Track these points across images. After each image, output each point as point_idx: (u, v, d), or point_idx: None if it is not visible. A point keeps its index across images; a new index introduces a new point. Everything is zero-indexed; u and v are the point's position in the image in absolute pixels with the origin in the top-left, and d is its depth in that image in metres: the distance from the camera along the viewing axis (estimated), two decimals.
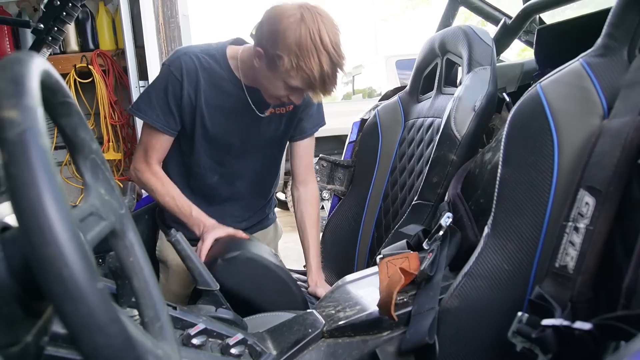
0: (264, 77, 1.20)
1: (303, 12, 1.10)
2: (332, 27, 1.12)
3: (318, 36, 1.09)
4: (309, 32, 1.08)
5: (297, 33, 1.08)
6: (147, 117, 1.28)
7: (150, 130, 1.31)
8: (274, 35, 1.11)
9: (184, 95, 1.27)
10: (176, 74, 1.26)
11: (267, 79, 1.20)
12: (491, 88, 1.16)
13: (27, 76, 0.35)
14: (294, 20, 1.09)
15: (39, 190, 0.31)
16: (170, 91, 1.26)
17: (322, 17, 1.11)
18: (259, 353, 0.76)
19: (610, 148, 0.66)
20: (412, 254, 0.91)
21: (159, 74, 1.30)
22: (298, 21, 1.09)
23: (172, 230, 0.94)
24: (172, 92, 1.26)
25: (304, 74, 1.11)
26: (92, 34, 2.90)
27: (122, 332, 0.34)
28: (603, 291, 0.64)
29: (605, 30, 0.75)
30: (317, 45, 1.09)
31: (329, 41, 1.10)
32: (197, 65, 1.27)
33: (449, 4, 1.73)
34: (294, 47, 1.09)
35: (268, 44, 1.13)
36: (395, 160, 1.54)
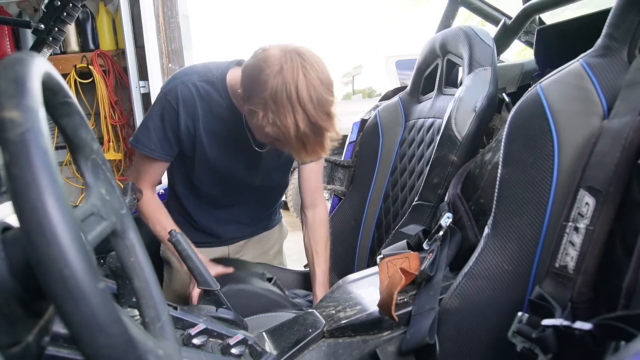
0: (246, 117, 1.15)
1: (284, 63, 0.97)
2: (316, 79, 0.98)
3: (295, 91, 0.96)
4: (285, 86, 0.96)
5: (274, 86, 0.96)
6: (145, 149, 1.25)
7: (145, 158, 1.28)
8: (251, 84, 1.01)
9: (181, 125, 1.22)
10: (173, 103, 1.20)
11: (249, 121, 1.14)
12: (492, 89, 1.16)
13: (28, 76, 0.35)
14: (271, 72, 0.97)
15: (40, 190, 0.31)
16: (167, 120, 1.22)
17: (305, 68, 0.97)
18: (259, 353, 0.76)
19: (610, 148, 0.66)
20: (413, 254, 0.91)
21: (156, 102, 1.25)
22: (276, 73, 0.97)
23: (173, 231, 0.94)
24: (169, 121, 1.22)
25: (279, 131, 0.99)
26: (92, 34, 2.90)
27: (123, 332, 0.34)
28: (603, 291, 0.64)
29: (605, 30, 0.75)
30: (293, 101, 0.96)
31: (307, 97, 0.96)
32: (194, 94, 1.19)
33: (448, 4, 1.73)
34: (269, 102, 0.97)
35: (246, 92, 1.03)
36: (396, 161, 1.54)
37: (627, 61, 0.72)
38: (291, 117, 0.97)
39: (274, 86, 0.96)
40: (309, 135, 0.99)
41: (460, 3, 1.71)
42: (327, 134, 1.02)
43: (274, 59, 0.99)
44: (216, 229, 1.43)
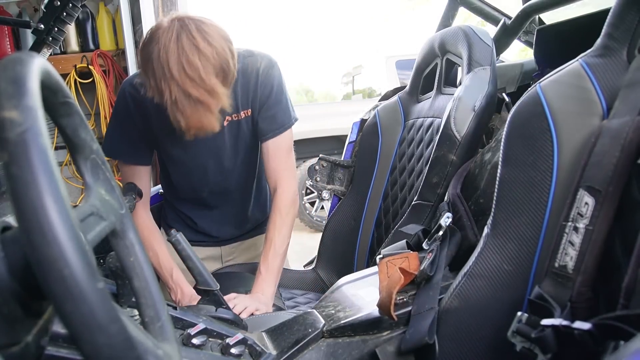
0: None
1: (160, 33, 0.99)
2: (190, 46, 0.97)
3: (166, 61, 0.97)
4: (159, 53, 0.97)
5: (150, 54, 0.98)
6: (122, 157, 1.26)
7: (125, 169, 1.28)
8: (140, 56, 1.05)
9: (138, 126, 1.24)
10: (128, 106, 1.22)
11: None
12: (491, 88, 1.17)
13: (27, 76, 0.35)
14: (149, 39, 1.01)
15: (40, 190, 0.31)
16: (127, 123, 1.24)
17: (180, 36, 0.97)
18: (259, 353, 0.76)
19: (609, 148, 0.66)
20: (412, 253, 0.91)
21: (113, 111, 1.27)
22: (154, 41, 0.99)
23: (173, 231, 0.94)
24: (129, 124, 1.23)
25: (160, 99, 1.00)
26: (92, 34, 2.90)
27: (123, 332, 0.34)
28: (602, 291, 0.64)
29: (605, 30, 0.75)
30: (164, 68, 0.97)
31: (175, 63, 0.96)
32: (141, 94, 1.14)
33: (448, 4, 1.73)
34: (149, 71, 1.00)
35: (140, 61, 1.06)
36: (395, 160, 1.54)
37: (627, 61, 0.72)
38: (165, 84, 0.97)
39: (150, 54, 0.98)
40: (183, 102, 0.98)
41: (460, 3, 1.71)
42: (205, 104, 0.99)
43: (152, 31, 1.01)
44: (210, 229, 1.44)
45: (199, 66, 0.97)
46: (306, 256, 1.81)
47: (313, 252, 1.73)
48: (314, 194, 4.38)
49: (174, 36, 0.96)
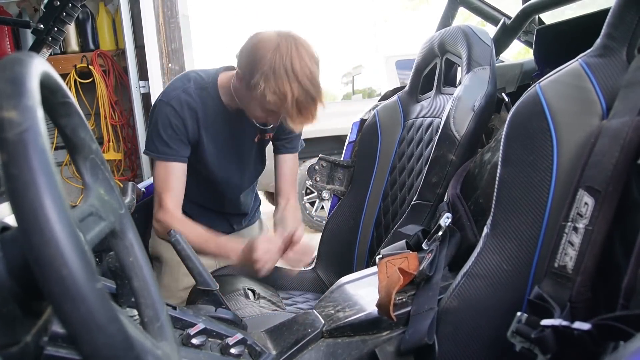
0: (243, 98, 1.26)
1: (280, 41, 1.16)
2: (307, 57, 1.16)
3: (290, 64, 1.14)
4: (282, 60, 1.13)
5: (272, 59, 1.14)
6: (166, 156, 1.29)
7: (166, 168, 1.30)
8: (251, 59, 1.17)
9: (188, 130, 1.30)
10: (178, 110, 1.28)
11: (245, 101, 1.26)
12: (490, 88, 1.16)
13: (26, 76, 0.35)
14: (270, 48, 1.15)
15: (39, 190, 0.31)
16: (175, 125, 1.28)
17: (298, 48, 1.16)
18: (258, 353, 0.76)
19: (609, 148, 0.66)
20: (412, 254, 0.91)
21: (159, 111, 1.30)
22: (274, 49, 1.15)
23: (172, 231, 0.94)
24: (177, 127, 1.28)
25: (276, 99, 1.15)
26: (92, 34, 2.90)
27: (121, 332, 0.34)
28: (602, 291, 0.64)
29: (604, 30, 0.75)
30: (289, 73, 1.14)
31: (301, 70, 1.14)
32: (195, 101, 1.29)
33: (448, 4, 1.73)
34: (268, 72, 1.14)
35: (246, 67, 1.19)
36: (395, 160, 1.54)
37: (626, 61, 0.72)
38: (288, 85, 1.13)
39: (272, 60, 1.14)
40: (302, 101, 1.16)
41: (460, 3, 1.71)
42: (317, 102, 1.19)
43: (270, 38, 1.17)
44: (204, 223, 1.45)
45: (315, 71, 1.19)
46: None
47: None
48: (314, 194, 4.38)
49: (293, 47, 1.15)
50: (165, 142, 1.29)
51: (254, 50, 1.17)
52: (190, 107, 1.29)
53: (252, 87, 1.16)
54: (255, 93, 1.17)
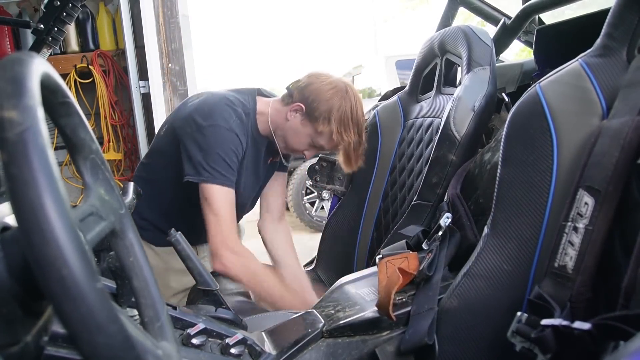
0: (292, 130, 1.31)
1: (347, 88, 1.28)
2: (363, 107, 1.31)
3: (356, 111, 1.27)
4: (351, 107, 1.26)
5: (344, 105, 1.25)
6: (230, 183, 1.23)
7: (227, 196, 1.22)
8: (321, 98, 1.26)
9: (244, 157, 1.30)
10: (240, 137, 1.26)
11: (295, 133, 1.31)
12: (490, 88, 1.16)
13: (27, 76, 0.35)
14: (341, 93, 1.26)
15: (39, 190, 0.31)
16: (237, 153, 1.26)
17: (357, 97, 1.29)
18: (258, 353, 0.76)
19: (609, 148, 0.66)
20: (412, 254, 0.91)
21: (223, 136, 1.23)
22: (344, 94, 1.26)
23: (172, 230, 0.94)
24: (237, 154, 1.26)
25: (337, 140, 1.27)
26: (92, 34, 2.90)
27: (122, 332, 0.34)
28: (602, 291, 0.64)
29: (604, 30, 0.75)
30: (354, 120, 1.27)
31: (361, 119, 1.29)
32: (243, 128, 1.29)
33: (448, 4, 1.73)
34: (338, 115, 1.25)
35: (314, 104, 1.26)
36: (395, 160, 1.54)
37: (627, 61, 0.72)
38: (350, 132, 1.27)
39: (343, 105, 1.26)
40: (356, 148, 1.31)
41: (460, 3, 1.71)
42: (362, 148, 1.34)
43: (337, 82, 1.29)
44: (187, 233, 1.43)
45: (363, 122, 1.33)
46: (306, 256, 1.81)
47: (313, 252, 1.73)
48: (314, 194, 4.38)
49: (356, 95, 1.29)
50: (230, 168, 1.23)
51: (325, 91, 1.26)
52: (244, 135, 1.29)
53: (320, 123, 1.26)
54: (321, 129, 1.26)
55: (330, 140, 1.28)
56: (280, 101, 1.34)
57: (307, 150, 1.35)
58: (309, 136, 1.30)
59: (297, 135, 1.32)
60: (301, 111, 1.28)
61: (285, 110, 1.31)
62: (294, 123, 1.30)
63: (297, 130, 1.31)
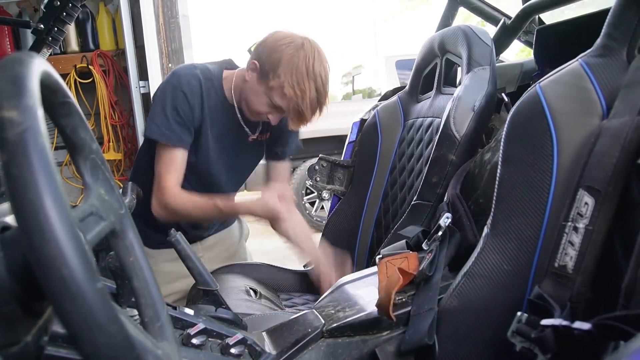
0: (251, 91, 1.27)
1: (304, 42, 1.21)
2: (325, 62, 1.23)
3: (312, 65, 1.19)
4: (305, 59, 1.19)
5: (295, 56, 1.19)
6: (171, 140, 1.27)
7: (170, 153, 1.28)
8: (273, 52, 1.21)
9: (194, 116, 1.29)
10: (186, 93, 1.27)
11: (253, 93, 1.27)
12: (490, 88, 1.17)
13: (27, 76, 0.35)
14: (295, 45, 1.20)
15: (39, 190, 0.31)
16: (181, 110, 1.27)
17: (319, 51, 1.22)
18: (258, 353, 0.76)
19: (609, 148, 0.66)
20: (412, 254, 0.91)
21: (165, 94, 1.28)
22: (299, 47, 1.20)
23: (172, 230, 0.93)
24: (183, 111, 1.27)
25: (290, 94, 1.19)
26: (92, 34, 2.90)
27: (122, 332, 0.34)
28: (602, 291, 0.64)
29: (604, 30, 0.75)
30: (310, 73, 1.19)
31: (319, 72, 1.20)
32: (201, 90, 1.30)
33: (448, 4, 1.73)
34: (288, 67, 1.18)
35: (266, 59, 1.22)
36: (395, 160, 1.54)
37: (627, 61, 0.72)
38: (307, 83, 1.18)
39: (296, 56, 1.19)
40: (312, 103, 1.21)
41: (460, 3, 1.71)
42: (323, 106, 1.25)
43: (294, 37, 1.22)
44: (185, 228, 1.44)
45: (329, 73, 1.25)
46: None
47: None
48: (314, 194, 4.38)
49: (315, 50, 1.22)
50: (172, 126, 1.26)
51: (278, 45, 1.21)
52: (198, 95, 1.29)
53: (270, 78, 1.20)
54: (272, 84, 1.20)
55: (283, 95, 1.20)
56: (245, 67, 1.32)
57: (270, 114, 1.28)
58: (264, 95, 1.24)
59: (255, 95, 1.27)
60: (256, 69, 1.24)
61: (244, 72, 1.29)
62: (251, 83, 1.27)
63: (255, 90, 1.26)
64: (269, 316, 1.11)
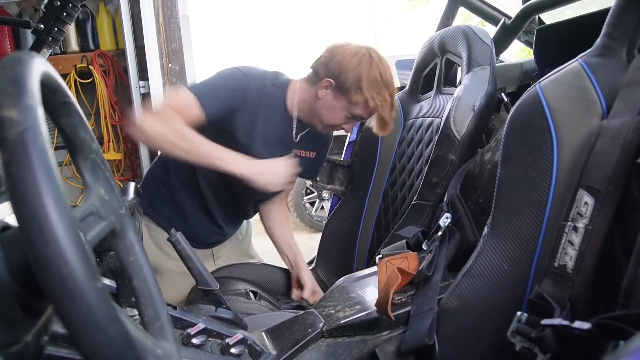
0: (326, 107, 1.30)
1: (371, 53, 1.26)
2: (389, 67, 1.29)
3: (385, 74, 1.25)
4: (379, 70, 1.24)
5: (371, 71, 1.23)
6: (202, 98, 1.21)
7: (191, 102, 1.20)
8: (347, 68, 1.24)
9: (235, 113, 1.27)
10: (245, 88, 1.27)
11: (329, 108, 1.29)
12: (490, 88, 1.16)
13: (27, 76, 0.35)
14: (366, 59, 1.24)
15: (39, 189, 0.31)
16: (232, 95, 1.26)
17: (382, 59, 1.27)
18: (258, 353, 0.76)
19: (609, 148, 0.66)
20: (412, 254, 0.91)
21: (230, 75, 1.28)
22: (369, 60, 1.24)
23: (172, 230, 0.93)
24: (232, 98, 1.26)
25: (374, 106, 1.24)
26: (92, 34, 2.90)
27: (122, 332, 0.34)
28: (602, 291, 0.64)
29: (604, 30, 0.75)
30: (385, 82, 1.24)
31: (390, 80, 1.27)
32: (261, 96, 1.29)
33: (448, 4, 1.73)
34: (368, 83, 1.22)
35: (340, 76, 1.24)
36: (395, 160, 1.54)
37: (626, 61, 0.72)
38: (382, 95, 1.24)
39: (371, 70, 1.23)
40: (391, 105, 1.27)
41: (460, 3, 1.71)
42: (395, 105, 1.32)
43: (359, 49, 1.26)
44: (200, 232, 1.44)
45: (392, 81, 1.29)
46: (306, 256, 1.80)
47: (313, 252, 1.73)
48: (314, 194, 4.37)
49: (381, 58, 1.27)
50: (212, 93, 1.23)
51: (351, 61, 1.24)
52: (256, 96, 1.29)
53: (352, 94, 1.24)
54: (355, 99, 1.24)
55: (367, 107, 1.26)
56: (306, 81, 1.33)
57: (346, 124, 1.33)
58: (344, 109, 1.28)
59: (332, 111, 1.30)
60: (331, 86, 1.27)
61: (314, 89, 1.30)
62: (326, 100, 1.29)
63: (331, 106, 1.29)
64: (269, 316, 1.11)
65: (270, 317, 1.08)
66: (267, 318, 1.08)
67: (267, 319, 1.06)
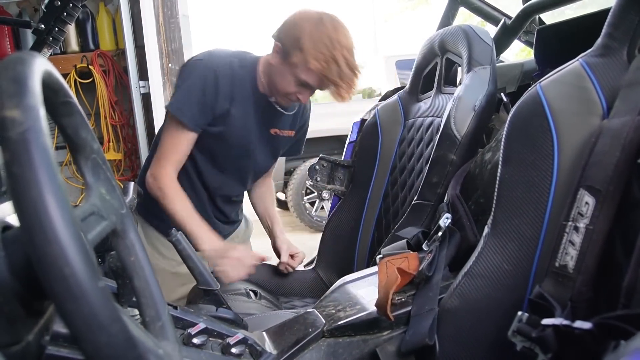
0: (277, 73, 1.26)
1: (323, 17, 1.21)
2: (347, 31, 1.22)
3: (334, 35, 1.18)
4: (326, 30, 1.18)
5: (315, 29, 1.18)
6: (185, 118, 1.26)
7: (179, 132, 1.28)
8: (293, 30, 1.21)
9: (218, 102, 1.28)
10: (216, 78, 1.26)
11: (280, 75, 1.26)
12: (491, 88, 1.16)
13: (28, 76, 0.35)
14: (314, 21, 1.20)
15: (41, 189, 0.31)
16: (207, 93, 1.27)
17: (338, 22, 1.22)
18: (259, 352, 0.76)
19: (610, 148, 0.66)
20: (412, 254, 0.91)
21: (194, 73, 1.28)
22: (317, 21, 1.19)
23: (173, 230, 0.94)
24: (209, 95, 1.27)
25: (315, 67, 1.18)
26: (92, 34, 2.90)
27: (123, 331, 0.34)
28: (603, 290, 0.65)
29: (605, 30, 0.75)
30: (333, 42, 1.17)
31: (344, 41, 1.19)
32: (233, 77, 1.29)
33: (448, 4, 1.73)
34: (309, 41, 1.17)
35: (287, 38, 1.22)
36: (395, 160, 1.54)
37: (627, 61, 0.72)
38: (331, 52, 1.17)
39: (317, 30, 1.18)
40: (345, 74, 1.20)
41: (460, 3, 1.71)
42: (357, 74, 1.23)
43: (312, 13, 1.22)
44: None
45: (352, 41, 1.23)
46: (306, 256, 1.81)
47: (313, 252, 1.73)
48: (314, 194, 4.37)
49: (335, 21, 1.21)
50: (191, 104, 1.26)
51: (296, 23, 1.22)
52: (227, 82, 1.28)
53: (293, 56, 1.19)
54: (295, 60, 1.19)
55: (309, 70, 1.19)
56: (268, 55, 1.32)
57: (300, 93, 1.27)
58: (290, 74, 1.23)
59: (281, 76, 1.26)
60: (279, 49, 1.24)
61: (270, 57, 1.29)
62: (275, 65, 1.26)
63: (280, 71, 1.25)
64: (269, 316, 1.11)
65: (270, 317, 1.08)
66: (267, 318, 1.08)
67: (268, 318, 1.06)
